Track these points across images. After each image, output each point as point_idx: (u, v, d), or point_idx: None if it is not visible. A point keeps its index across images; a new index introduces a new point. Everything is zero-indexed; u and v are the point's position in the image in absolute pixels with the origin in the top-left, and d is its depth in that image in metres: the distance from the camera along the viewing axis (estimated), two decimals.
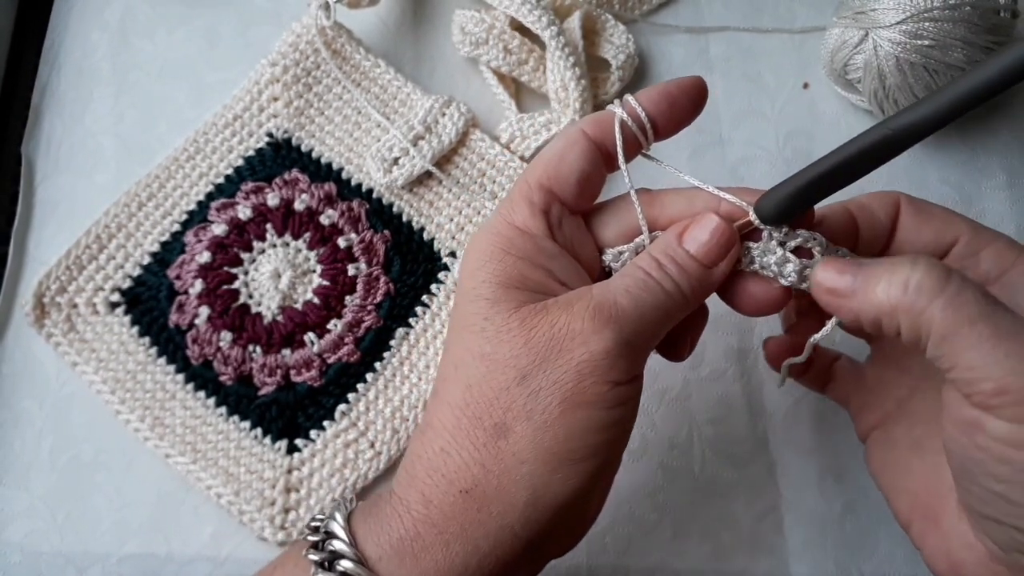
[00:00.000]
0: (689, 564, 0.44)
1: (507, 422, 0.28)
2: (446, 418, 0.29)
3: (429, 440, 0.30)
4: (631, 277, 0.30)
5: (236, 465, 0.44)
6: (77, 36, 0.53)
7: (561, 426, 0.28)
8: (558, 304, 0.29)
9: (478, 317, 0.29)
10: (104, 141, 0.51)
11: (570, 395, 0.28)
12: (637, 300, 0.29)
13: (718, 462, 0.45)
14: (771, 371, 0.47)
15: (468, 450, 0.28)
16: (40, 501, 0.44)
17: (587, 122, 0.32)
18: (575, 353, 0.28)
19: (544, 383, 0.28)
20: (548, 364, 0.28)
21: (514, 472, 0.28)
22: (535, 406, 0.28)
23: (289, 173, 0.48)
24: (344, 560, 0.28)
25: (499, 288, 0.29)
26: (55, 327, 0.46)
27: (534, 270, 0.30)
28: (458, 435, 0.29)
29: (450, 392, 0.30)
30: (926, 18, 0.44)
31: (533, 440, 0.28)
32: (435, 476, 0.29)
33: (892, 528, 0.44)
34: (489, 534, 0.28)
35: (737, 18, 0.54)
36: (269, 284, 0.46)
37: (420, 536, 0.29)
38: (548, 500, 0.28)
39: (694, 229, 0.31)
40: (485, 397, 0.29)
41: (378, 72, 0.50)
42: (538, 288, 0.30)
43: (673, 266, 0.30)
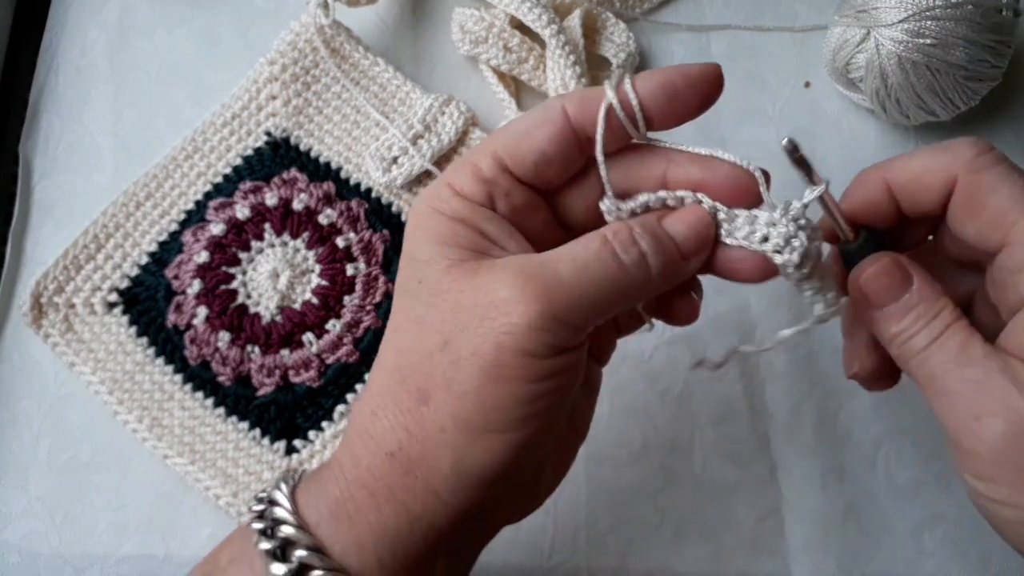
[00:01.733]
0: (690, 565, 0.43)
1: (428, 388, 0.27)
2: (378, 381, 0.29)
3: (363, 403, 0.29)
4: (583, 246, 0.28)
5: (234, 466, 0.44)
6: (75, 35, 0.53)
7: (479, 397, 0.27)
8: (492, 268, 0.27)
9: (413, 280, 0.29)
10: (102, 140, 0.51)
11: (488, 367, 0.26)
12: (582, 271, 0.27)
13: (719, 463, 0.45)
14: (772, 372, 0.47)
15: (394, 413, 0.28)
16: (38, 502, 0.44)
17: (572, 100, 0.29)
18: (496, 323, 0.26)
19: (464, 352, 0.27)
20: (469, 331, 0.27)
21: (435, 439, 0.27)
22: (455, 375, 0.27)
23: (288, 172, 0.48)
24: (285, 526, 0.28)
25: (430, 245, 0.29)
26: (53, 327, 0.46)
27: (467, 230, 0.29)
28: (386, 398, 0.28)
29: (384, 356, 0.29)
30: (928, 16, 0.44)
31: (452, 409, 0.27)
32: (364, 438, 0.29)
33: (894, 529, 0.44)
34: (417, 497, 0.28)
35: (738, 16, 0.54)
36: (267, 284, 0.46)
37: (353, 498, 0.28)
38: (473, 469, 0.27)
39: (683, 214, 0.29)
40: (411, 362, 0.28)
41: (377, 71, 0.50)
42: (470, 246, 0.28)
43: (648, 239, 0.28)
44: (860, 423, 0.46)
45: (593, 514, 0.44)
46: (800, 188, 0.29)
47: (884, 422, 0.45)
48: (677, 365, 0.46)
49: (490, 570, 0.43)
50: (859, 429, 0.46)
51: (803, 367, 0.46)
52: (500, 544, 0.43)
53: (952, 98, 0.46)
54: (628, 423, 0.45)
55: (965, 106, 0.47)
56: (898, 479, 0.45)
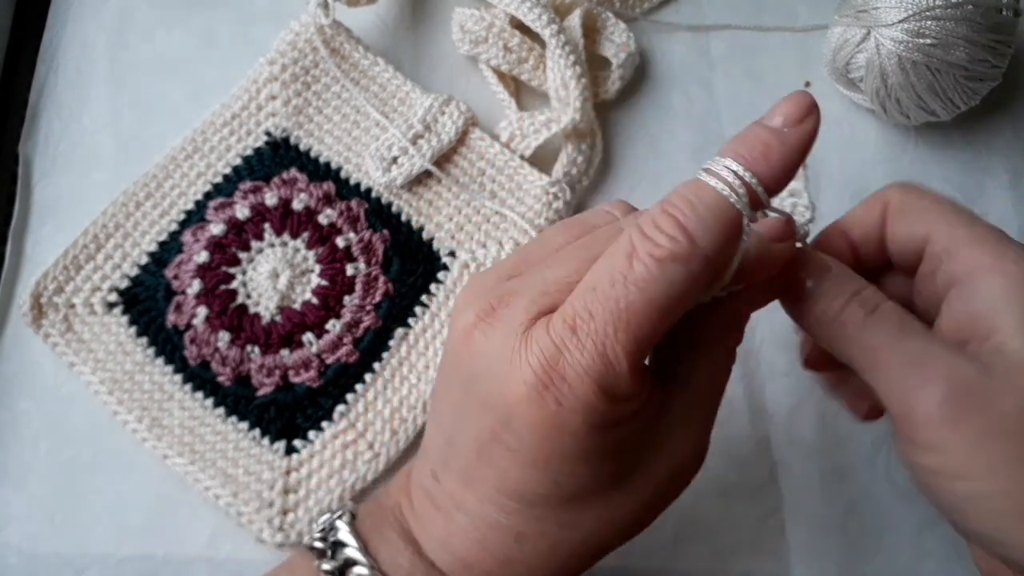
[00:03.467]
0: (690, 566, 0.43)
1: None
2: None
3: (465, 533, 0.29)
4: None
5: (234, 466, 0.44)
6: (75, 35, 0.53)
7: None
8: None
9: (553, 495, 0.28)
10: (102, 140, 0.51)
11: None
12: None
13: (720, 463, 0.45)
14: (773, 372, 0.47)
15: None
16: (38, 502, 0.44)
17: (712, 244, 0.25)
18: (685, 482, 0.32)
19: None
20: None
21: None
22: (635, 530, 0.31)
23: (287, 172, 0.48)
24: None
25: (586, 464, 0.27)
26: (52, 327, 0.46)
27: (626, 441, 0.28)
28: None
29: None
30: (928, 16, 0.44)
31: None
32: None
33: (894, 529, 0.44)
34: None
35: (739, 16, 0.54)
36: (267, 284, 0.46)
37: None
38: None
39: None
40: (600, 544, 0.30)
41: (377, 71, 0.50)
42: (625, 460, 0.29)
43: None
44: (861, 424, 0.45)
45: None
46: None
47: (884, 422, 0.45)
48: None
49: None
50: (859, 429, 0.45)
51: None
52: None
53: (952, 98, 0.46)
54: None
55: (965, 106, 0.47)
56: (898, 479, 0.45)
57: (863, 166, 0.51)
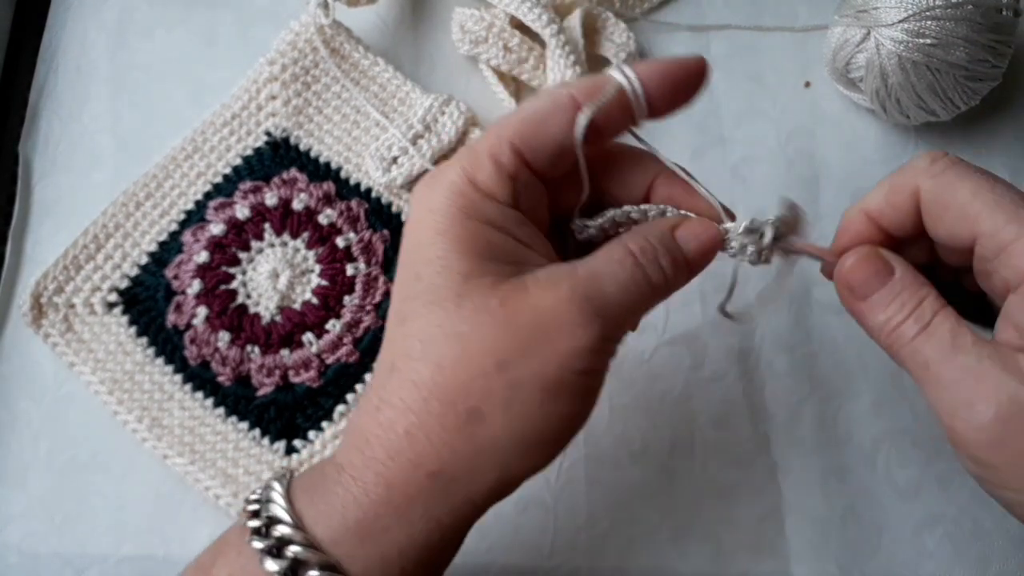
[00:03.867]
0: (690, 566, 0.43)
1: (482, 408, 0.27)
2: (411, 398, 0.28)
3: (389, 420, 0.28)
4: (621, 265, 0.28)
5: (234, 466, 0.44)
6: (75, 35, 0.53)
7: (540, 416, 0.27)
8: (539, 284, 0.28)
9: (449, 291, 0.28)
10: (102, 140, 0.51)
11: (551, 387, 0.27)
12: (624, 291, 0.28)
13: (719, 463, 0.45)
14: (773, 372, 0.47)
15: (438, 433, 0.28)
16: (38, 502, 0.44)
17: (580, 88, 0.29)
18: (560, 344, 0.27)
19: (525, 373, 0.27)
20: (531, 353, 0.27)
21: (486, 456, 0.28)
22: (514, 395, 0.27)
23: (287, 172, 0.48)
24: (293, 545, 0.27)
25: (469, 258, 0.28)
26: (52, 327, 0.46)
27: (503, 238, 0.29)
28: (426, 418, 0.28)
29: (415, 370, 0.28)
30: (928, 16, 0.44)
31: (509, 428, 0.27)
32: (399, 459, 0.28)
33: (894, 530, 0.44)
34: (453, 509, 0.28)
35: (739, 16, 0.54)
36: (267, 284, 0.46)
37: (380, 517, 0.28)
38: (515, 477, 0.28)
39: (695, 229, 0.30)
40: (459, 380, 0.27)
41: (377, 71, 0.50)
42: (509, 258, 0.28)
43: (668, 259, 0.29)
44: (860, 423, 0.46)
45: (593, 514, 0.44)
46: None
47: (884, 422, 0.45)
48: (677, 365, 0.46)
49: (491, 570, 0.43)
50: (859, 429, 0.46)
51: (803, 367, 0.46)
52: (500, 545, 0.43)
53: (952, 98, 0.46)
54: (628, 423, 0.45)
55: (965, 106, 0.47)
56: (898, 479, 0.45)
57: (863, 166, 0.51)
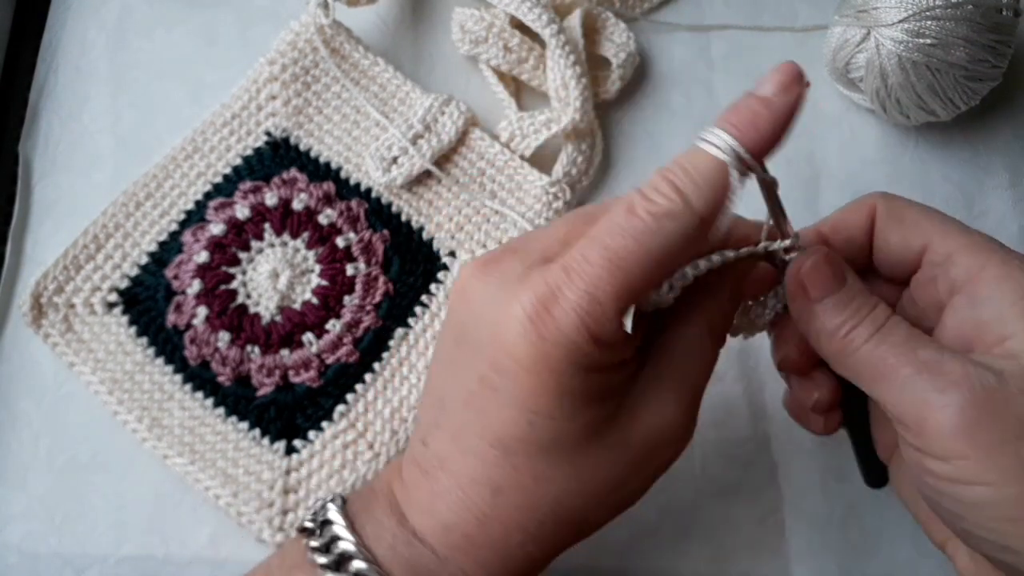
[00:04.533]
0: (690, 566, 0.43)
1: (589, 518, 0.30)
2: (519, 523, 0.29)
3: (503, 537, 0.29)
4: (703, 354, 0.31)
5: (234, 466, 0.44)
6: (75, 35, 0.53)
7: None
8: (648, 408, 0.30)
9: (571, 440, 0.28)
10: (102, 140, 0.51)
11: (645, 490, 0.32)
12: (708, 370, 0.32)
13: (719, 464, 0.45)
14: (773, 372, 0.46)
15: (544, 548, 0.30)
16: (37, 502, 0.44)
17: (704, 204, 0.27)
18: (667, 457, 0.31)
19: (636, 490, 0.31)
20: (642, 471, 0.31)
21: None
22: (620, 505, 0.31)
23: (287, 172, 0.48)
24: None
25: (586, 410, 0.28)
26: (52, 327, 0.46)
27: (616, 377, 0.29)
28: (540, 541, 0.29)
29: (522, 496, 0.29)
30: (928, 16, 0.44)
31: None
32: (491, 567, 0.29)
33: (894, 530, 0.44)
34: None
35: (739, 16, 0.54)
36: (267, 284, 0.46)
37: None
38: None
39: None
40: (566, 508, 0.29)
41: (377, 71, 0.50)
42: (617, 393, 0.29)
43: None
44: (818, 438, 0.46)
45: None
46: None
47: None
48: None
49: None
50: None
51: None
52: None
53: (952, 98, 0.46)
54: None
55: (965, 106, 0.47)
56: None
57: (863, 166, 0.51)
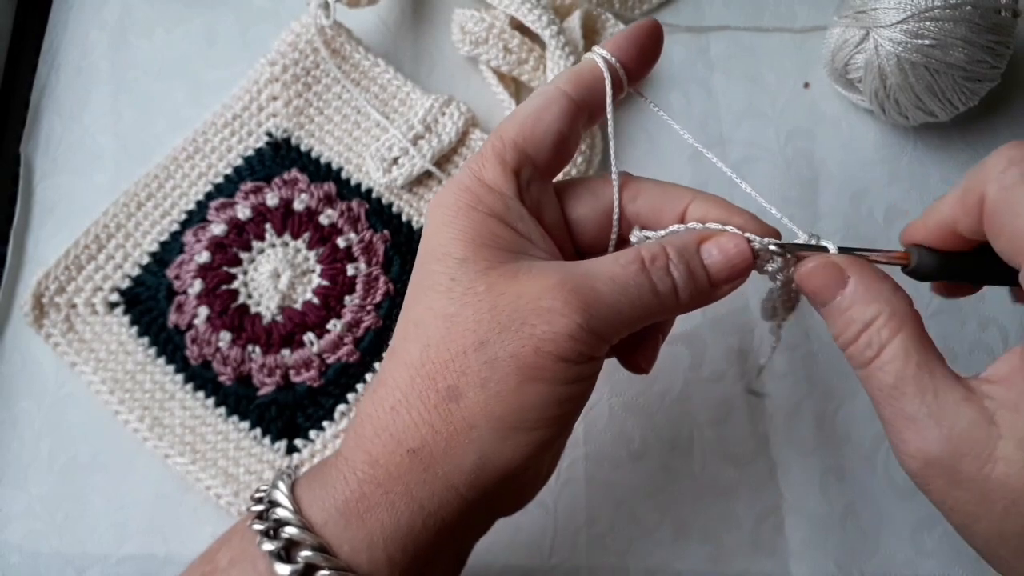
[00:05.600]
0: (690, 565, 0.44)
1: (460, 386, 0.28)
2: (400, 376, 0.29)
3: (380, 398, 0.29)
4: (622, 267, 0.29)
5: (235, 465, 0.44)
6: (76, 35, 0.53)
7: (515, 397, 0.28)
8: (530, 273, 0.28)
9: (444, 276, 0.29)
10: (103, 141, 0.51)
11: (527, 368, 0.27)
12: (620, 292, 0.28)
13: (719, 463, 0.45)
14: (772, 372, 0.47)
15: (419, 409, 0.28)
16: (39, 502, 0.44)
17: (565, 79, 0.31)
18: (538, 329, 0.27)
19: (501, 353, 0.27)
20: (508, 334, 0.27)
21: (463, 436, 0.28)
22: (490, 375, 0.27)
23: (288, 173, 0.48)
24: (288, 527, 0.28)
25: (467, 245, 0.29)
26: (54, 327, 0.46)
27: (503, 229, 0.30)
28: (410, 394, 0.28)
29: (408, 350, 0.29)
30: (927, 17, 0.44)
31: (485, 408, 0.28)
32: (383, 435, 0.28)
33: (893, 529, 0.44)
34: (435, 494, 0.28)
35: (738, 17, 0.54)
36: (268, 284, 0.46)
37: (365, 496, 0.28)
38: (496, 465, 0.28)
39: (721, 242, 0.30)
40: (441, 359, 0.28)
41: (378, 71, 0.50)
42: (507, 247, 0.29)
43: (682, 269, 0.29)
44: (859, 423, 0.46)
45: (593, 514, 0.44)
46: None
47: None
48: (677, 365, 0.47)
49: (491, 570, 0.43)
50: (858, 429, 0.46)
51: (803, 367, 0.47)
52: (501, 544, 0.43)
53: (951, 99, 0.47)
54: (628, 423, 0.46)
55: (964, 107, 0.48)
56: (897, 479, 0.45)
57: (862, 166, 0.51)
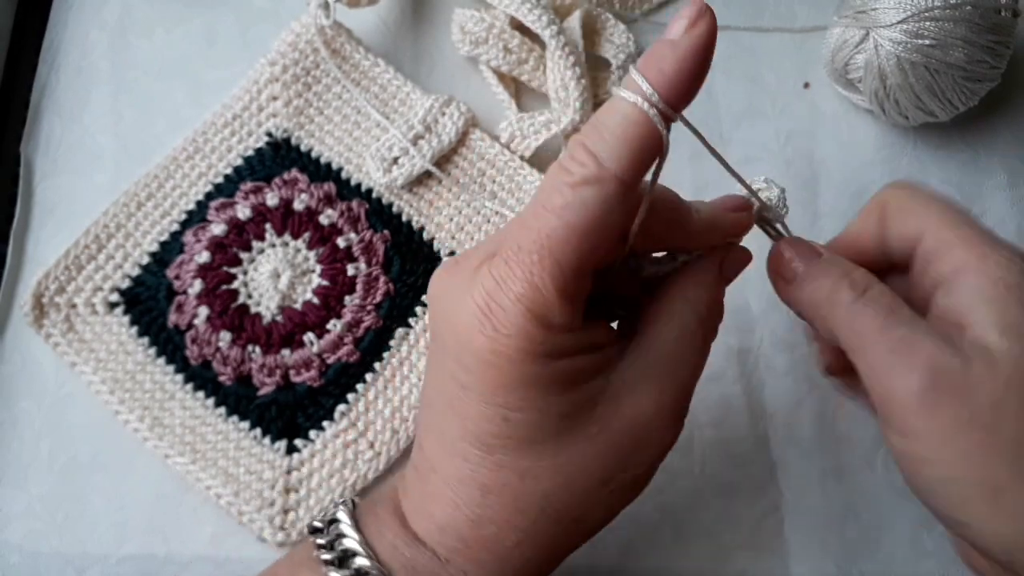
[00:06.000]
0: (690, 564, 0.44)
1: (586, 517, 0.30)
2: (518, 521, 0.29)
3: (494, 536, 0.29)
4: (692, 347, 0.30)
5: (235, 465, 0.44)
6: (76, 35, 0.53)
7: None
8: (630, 392, 0.29)
9: (550, 432, 0.28)
10: (103, 141, 0.51)
11: (641, 482, 0.31)
12: (697, 370, 0.31)
13: (719, 463, 0.45)
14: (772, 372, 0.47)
15: (544, 544, 0.30)
16: (39, 502, 0.44)
17: (615, 155, 0.26)
18: (654, 450, 0.30)
19: (626, 481, 0.30)
20: (629, 465, 0.30)
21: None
22: (613, 500, 0.30)
23: (288, 173, 0.48)
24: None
25: (559, 398, 0.28)
26: (54, 327, 0.46)
27: (582, 360, 0.28)
28: (534, 535, 0.29)
29: (519, 496, 0.29)
30: (927, 17, 0.44)
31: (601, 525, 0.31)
32: (506, 568, 0.29)
33: (893, 529, 0.44)
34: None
35: (738, 17, 0.54)
36: (268, 284, 0.46)
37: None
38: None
39: (739, 257, 0.32)
40: (564, 503, 0.29)
41: (378, 71, 0.50)
42: (589, 376, 0.29)
43: (718, 319, 0.32)
44: (859, 423, 0.46)
45: None
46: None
47: None
48: None
49: None
50: (859, 429, 0.46)
51: (803, 367, 0.47)
52: None
53: (951, 99, 0.47)
54: None
55: (964, 107, 0.48)
56: (897, 479, 0.44)
57: (862, 167, 0.51)
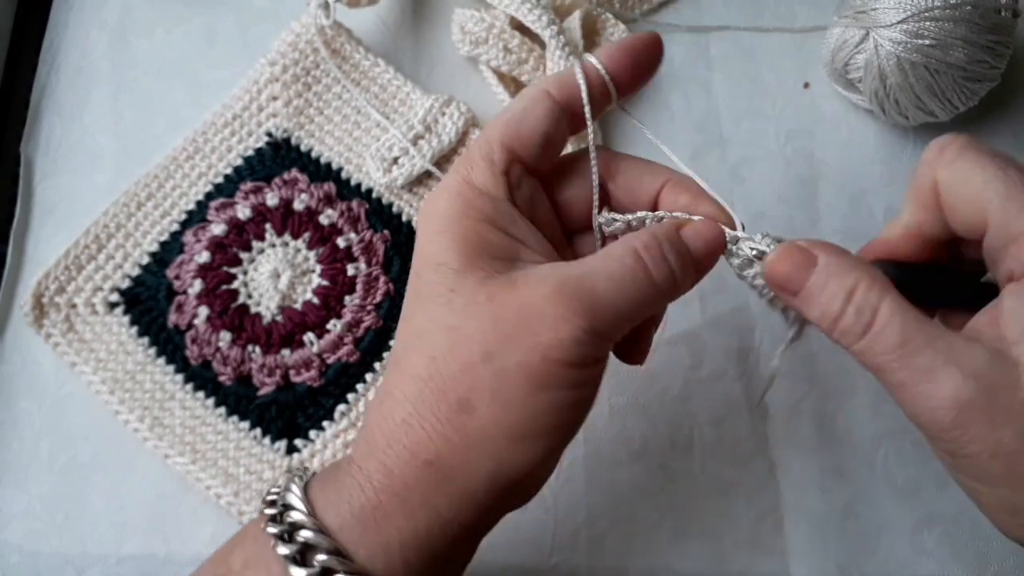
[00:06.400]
0: (689, 564, 0.44)
1: (471, 399, 0.28)
2: (408, 388, 0.29)
3: (389, 410, 0.29)
4: (618, 262, 0.29)
5: (235, 465, 0.44)
6: (76, 35, 0.53)
7: (526, 406, 0.28)
8: (528, 281, 0.28)
9: (443, 287, 0.29)
10: (103, 141, 0.51)
11: (536, 377, 0.28)
12: (619, 289, 0.28)
13: (719, 462, 0.45)
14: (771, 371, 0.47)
15: (431, 422, 0.28)
16: (39, 502, 0.44)
17: (550, 82, 0.32)
18: (543, 337, 0.28)
19: (509, 363, 0.28)
20: (513, 344, 0.28)
21: (478, 447, 0.28)
22: (500, 386, 0.28)
23: (288, 173, 0.48)
24: (304, 530, 0.28)
25: (463, 255, 0.29)
26: (54, 327, 0.46)
27: (497, 234, 0.30)
28: (421, 407, 0.29)
29: (413, 362, 0.29)
30: (927, 17, 0.44)
31: (497, 418, 0.28)
32: (396, 447, 0.29)
33: (892, 528, 0.44)
34: (452, 502, 0.28)
35: (738, 17, 0.54)
36: (268, 284, 0.46)
37: (382, 504, 0.28)
38: (511, 472, 0.28)
39: (700, 229, 0.31)
40: (449, 371, 0.28)
41: (378, 71, 0.50)
42: (502, 254, 0.30)
43: (675, 256, 0.29)
44: (859, 423, 0.46)
45: (593, 514, 0.44)
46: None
47: (884, 422, 0.46)
48: (677, 365, 0.47)
49: (491, 570, 0.43)
50: (858, 429, 0.46)
51: (803, 367, 0.47)
52: (501, 544, 0.43)
53: (951, 99, 0.47)
54: (627, 422, 0.46)
55: (964, 107, 0.48)
56: (897, 479, 0.45)
57: (862, 167, 0.51)
